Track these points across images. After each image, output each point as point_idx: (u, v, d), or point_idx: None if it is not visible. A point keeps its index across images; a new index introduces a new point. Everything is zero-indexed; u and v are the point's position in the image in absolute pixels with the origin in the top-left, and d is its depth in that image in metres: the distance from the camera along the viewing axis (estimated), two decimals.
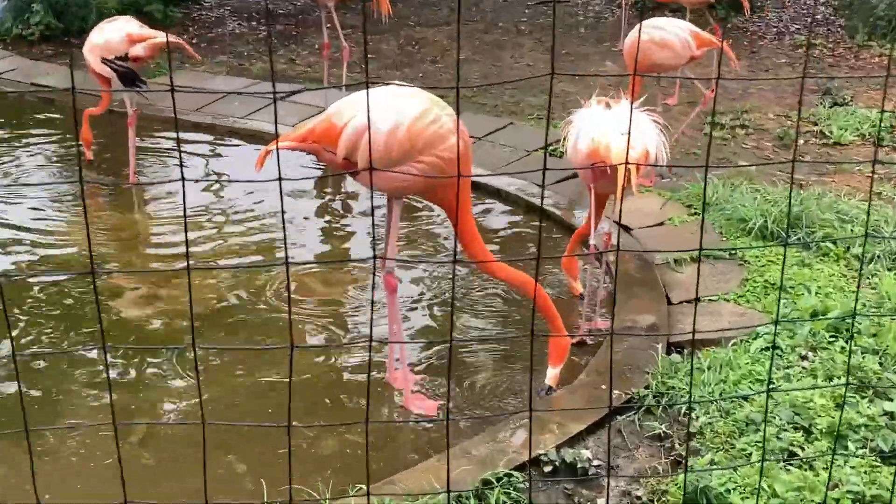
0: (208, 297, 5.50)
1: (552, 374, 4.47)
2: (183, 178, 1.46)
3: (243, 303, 5.47)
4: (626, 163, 4.51)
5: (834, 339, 4.60)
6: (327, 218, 6.79)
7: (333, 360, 4.92)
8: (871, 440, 3.81)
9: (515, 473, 3.75)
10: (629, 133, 1.83)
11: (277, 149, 1.91)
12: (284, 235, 1.49)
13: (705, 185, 1.67)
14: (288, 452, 1.66)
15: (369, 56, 10.40)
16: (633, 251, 5.85)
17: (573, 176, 6.93)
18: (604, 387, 4.43)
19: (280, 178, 1.46)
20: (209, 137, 8.15)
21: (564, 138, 4.92)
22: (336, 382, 4.72)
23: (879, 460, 3.71)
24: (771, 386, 4.22)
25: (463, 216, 4.26)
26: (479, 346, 5.11)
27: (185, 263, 5.22)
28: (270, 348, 3.20)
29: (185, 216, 1.58)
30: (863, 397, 4.12)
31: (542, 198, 1.83)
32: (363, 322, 5.31)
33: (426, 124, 4.04)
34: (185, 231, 1.61)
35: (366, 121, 4.03)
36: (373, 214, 1.74)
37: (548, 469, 3.85)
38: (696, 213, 6.32)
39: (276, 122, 1.44)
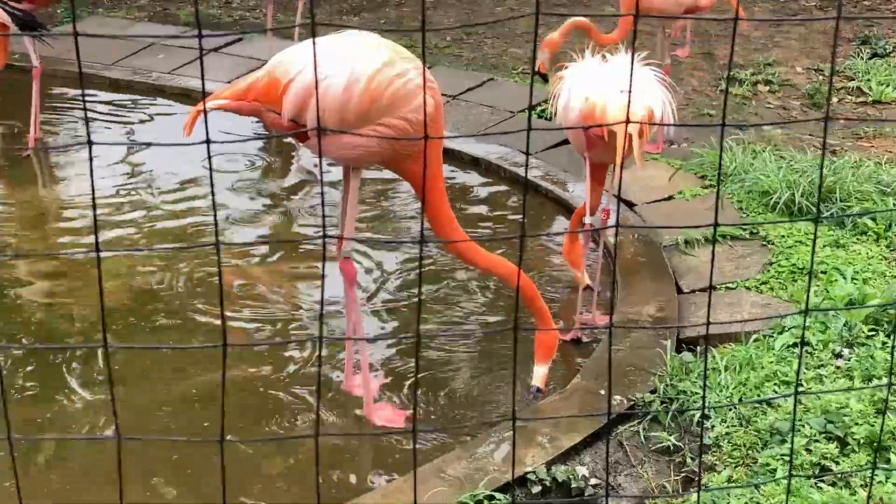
0: (129, 287, 5.47)
1: (540, 373, 4.49)
2: (90, 142, 1.43)
3: (171, 294, 5.45)
4: (627, 121, 4.51)
5: (873, 332, 4.64)
6: (272, 192, 6.77)
7: (280, 361, 4.91)
8: None
9: (498, 496, 3.77)
10: (630, 91, 1.81)
11: (206, 109, 1.89)
12: (215, 211, 1.47)
13: (721, 149, 1.66)
14: (221, 472, 1.64)
15: None
16: (634, 227, 5.87)
17: (565, 142, 6.94)
18: (602, 392, 4.45)
19: (208, 141, 1.43)
20: (129, 97, 8.09)
21: (554, 97, 4.92)
22: (283, 388, 4.73)
23: None
24: (799, 389, 4.25)
25: (433, 190, 4.24)
26: (455, 344, 5.11)
27: (95, 245, 5.17)
28: (200, 347, 3.17)
29: (92, 187, 1.55)
30: None
31: (527, 166, 1.81)
32: (314, 316, 5.30)
33: (389, 79, 4.01)
34: (94, 205, 1.58)
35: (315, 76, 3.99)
36: (322, 188, 1.72)
37: (536, 490, 3.86)
38: (710, 186, 6.35)
39: (202, 78, 1.41)
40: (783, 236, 5.59)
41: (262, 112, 4.10)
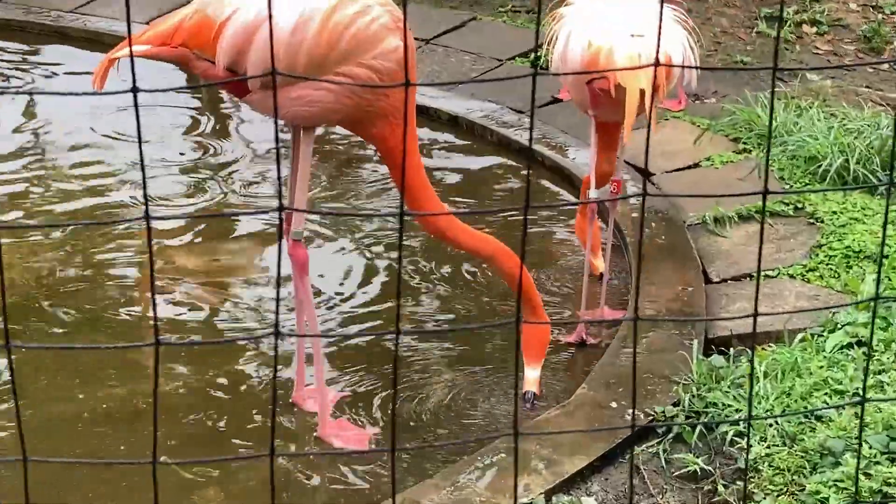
0: (35, 273, 5.46)
1: (532, 376, 4.59)
2: None
3: (88, 282, 5.45)
4: (636, 67, 4.53)
5: None
6: (209, 156, 6.77)
7: (226, 364, 4.93)
8: None
9: None
10: (640, 34, 1.82)
11: (121, 57, 1.87)
12: (144, 179, 1.47)
13: (773, 99, 1.66)
14: (155, 499, 1.64)
15: None
16: (650, 194, 5.89)
17: (553, 102, 6.96)
18: (614, 404, 4.48)
19: (135, 90, 1.43)
20: (21, 44, 8.03)
21: (551, 41, 4.92)
22: (228, 399, 4.74)
23: None
24: (858, 398, 4.28)
25: (407, 155, 4.26)
26: (431, 346, 5.12)
27: None
28: (130, 346, 3.17)
29: None
30: None
31: (532, 122, 1.82)
32: (266, 308, 5.30)
33: (349, 18, 4.00)
34: None
35: (258, 12, 4.00)
36: (277, 146, 1.71)
37: None
38: (745, 150, 6.38)
39: (129, 21, 1.41)
40: (835, 212, 5.63)
41: (192, 59, 4.09)
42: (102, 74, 4.03)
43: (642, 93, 4.48)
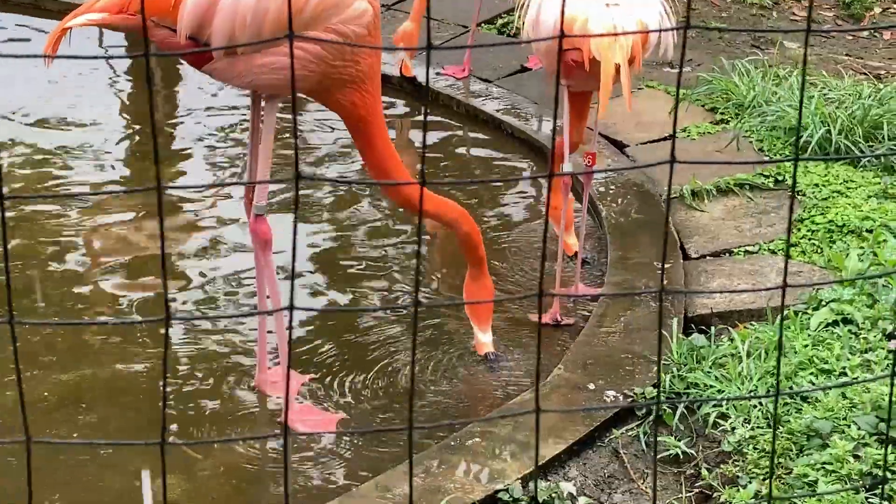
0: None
1: (486, 338, 4.80)
2: None
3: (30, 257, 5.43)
4: (605, 35, 4.52)
5: None
6: (168, 123, 6.73)
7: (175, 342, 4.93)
8: None
9: None
10: (615, 2, 1.80)
11: (74, 26, 1.82)
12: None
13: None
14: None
15: None
16: (618, 169, 5.88)
17: (522, 70, 6.94)
18: (592, 385, 4.47)
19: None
20: None
21: (521, 7, 4.90)
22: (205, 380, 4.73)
23: None
24: (844, 378, 4.29)
25: (374, 125, 4.29)
26: (392, 321, 5.10)
27: None
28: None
29: None
30: None
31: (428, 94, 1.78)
32: (227, 288, 5.27)
33: None
34: None
35: None
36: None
37: None
38: (722, 121, 6.37)
39: None
40: (816, 185, 5.62)
41: (150, 28, 4.04)
42: (54, 44, 3.97)
43: (618, 66, 4.48)
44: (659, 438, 4.24)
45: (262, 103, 4.28)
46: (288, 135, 6.40)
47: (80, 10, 4.07)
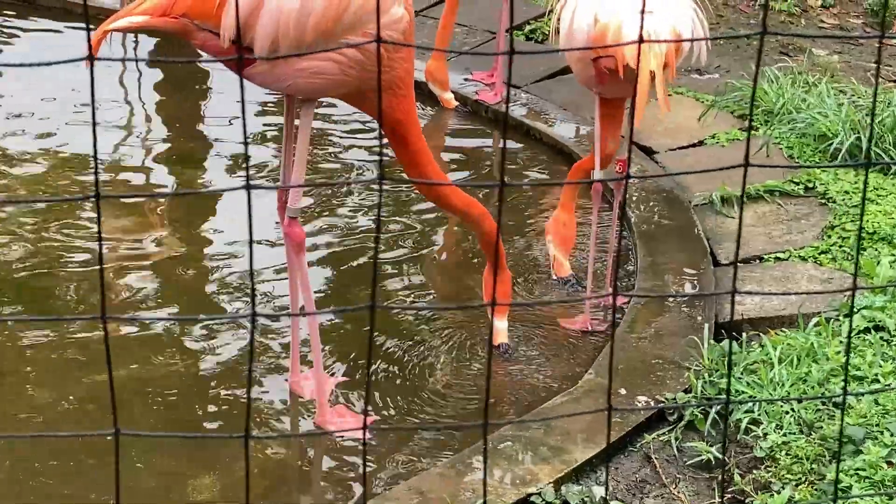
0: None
1: (501, 327, 4.92)
2: None
3: (44, 254, 5.48)
4: (641, 40, 4.54)
5: None
6: (193, 130, 6.76)
7: (205, 344, 4.96)
8: None
9: None
10: (648, 10, 1.83)
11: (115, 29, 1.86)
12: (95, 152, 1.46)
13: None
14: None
15: None
16: (651, 177, 5.90)
17: (563, 71, 6.96)
18: (623, 391, 4.49)
19: (90, 59, 1.42)
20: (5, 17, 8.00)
21: (551, 12, 4.93)
22: (211, 378, 4.77)
23: None
24: (877, 385, 4.31)
25: (410, 125, 4.35)
26: (422, 325, 5.14)
27: None
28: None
29: None
30: None
31: (508, 101, 1.82)
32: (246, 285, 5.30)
33: None
34: None
35: None
36: (245, 126, 1.71)
37: None
38: (753, 127, 6.38)
39: None
40: (847, 192, 5.65)
41: (192, 31, 4.08)
42: (95, 47, 4.01)
43: (652, 73, 4.50)
44: (691, 444, 4.26)
45: (298, 107, 4.32)
46: (321, 139, 6.44)
47: (121, 14, 4.10)
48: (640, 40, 1.88)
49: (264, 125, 6.73)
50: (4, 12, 7.95)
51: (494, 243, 4.74)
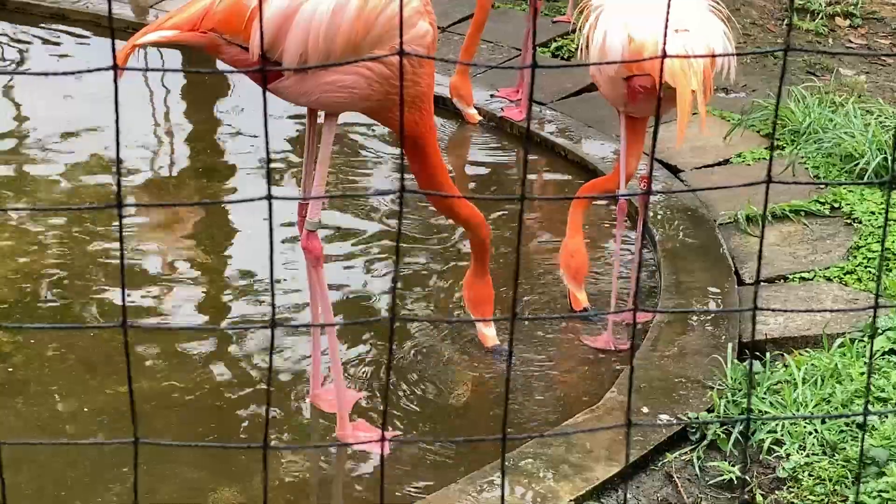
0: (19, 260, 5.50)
1: (489, 332, 4.99)
2: None
3: (68, 263, 5.52)
4: (664, 55, 4.54)
5: None
6: (219, 144, 6.82)
7: (229, 355, 5.00)
8: None
9: None
10: (684, 28, 1.83)
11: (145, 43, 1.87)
12: (118, 164, 1.47)
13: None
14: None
15: None
16: (669, 191, 5.90)
17: (589, 88, 6.96)
18: (645, 409, 4.49)
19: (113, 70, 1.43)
20: (23, 26, 8.03)
21: (579, 31, 4.93)
22: (234, 389, 4.80)
23: None
24: None
25: (428, 142, 4.39)
26: (449, 334, 5.15)
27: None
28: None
29: None
30: None
31: (529, 115, 1.82)
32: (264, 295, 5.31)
33: (384, 1, 4.05)
34: None
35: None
36: (267, 138, 1.73)
37: None
38: (778, 147, 6.38)
39: None
40: (872, 212, 5.64)
41: (221, 45, 4.11)
42: (123, 59, 4.03)
43: (694, 93, 4.50)
44: (713, 463, 4.25)
45: (321, 121, 4.34)
46: (340, 151, 6.47)
47: (150, 28, 4.13)
48: (664, 55, 1.88)
49: (297, 132, 6.75)
50: (40, 24, 8.00)
51: (485, 250, 4.83)
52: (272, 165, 6.52)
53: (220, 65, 4.40)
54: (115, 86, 1.57)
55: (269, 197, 1.66)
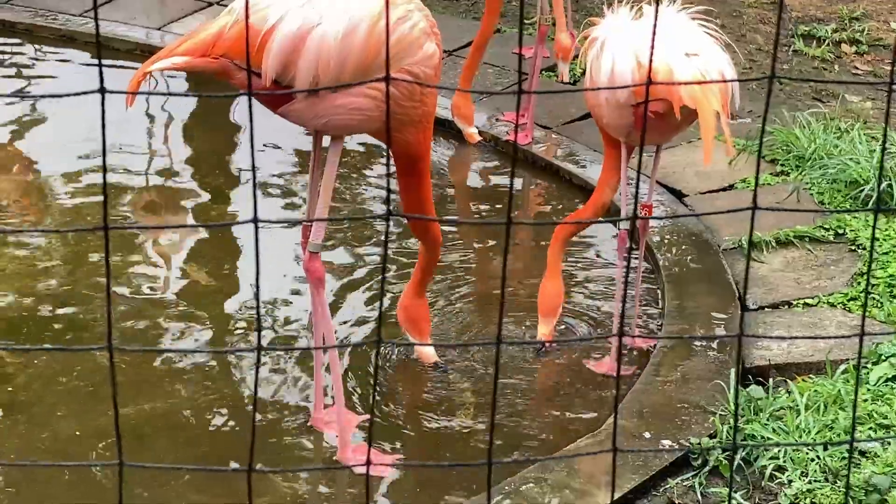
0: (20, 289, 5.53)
1: (429, 351, 5.03)
2: None
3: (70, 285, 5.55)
4: (682, 82, 4.54)
5: None
6: (223, 166, 6.86)
7: (231, 378, 5.03)
8: None
9: None
10: (694, 52, 1.84)
11: (154, 70, 1.88)
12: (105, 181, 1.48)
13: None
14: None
15: None
16: (672, 217, 5.91)
17: (582, 118, 6.97)
18: (648, 434, 4.49)
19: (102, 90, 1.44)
20: (27, 47, 8.05)
21: (583, 56, 4.93)
22: (233, 417, 4.80)
23: None
24: None
25: (424, 162, 4.48)
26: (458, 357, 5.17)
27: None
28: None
29: None
30: None
31: (517, 132, 1.83)
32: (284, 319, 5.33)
33: (393, 24, 4.10)
34: None
35: (304, 20, 4.07)
36: (253, 158, 1.74)
37: None
38: (783, 172, 6.40)
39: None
40: (877, 239, 5.63)
41: (232, 71, 4.15)
42: (135, 86, 4.07)
43: (716, 114, 4.50)
44: (714, 489, 4.25)
45: (328, 143, 4.37)
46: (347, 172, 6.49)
47: (162, 54, 4.16)
48: (649, 82, 1.89)
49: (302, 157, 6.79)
50: (44, 48, 8.03)
51: (431, 272, 4.95)
52: (281, 183, 6.55)
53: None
54: (103, 109, 1.58)
55: (256, 220, 1.67)
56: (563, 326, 5.39)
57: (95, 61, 7.84)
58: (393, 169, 4.59)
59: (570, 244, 5.63)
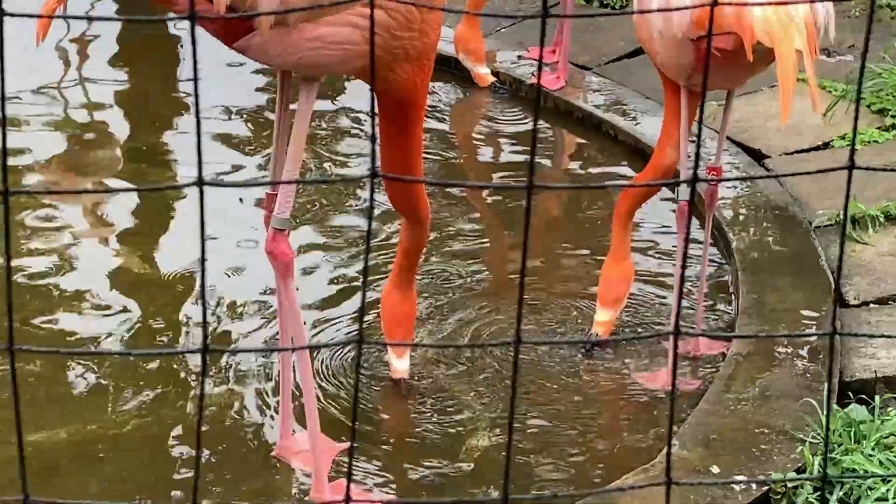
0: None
1: (403, 366, 5.05)
2: None
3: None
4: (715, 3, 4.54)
5: None
6: (160, 120, 6.88)
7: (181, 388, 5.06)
8: None
9: None
10: None
11: None
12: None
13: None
14: None
15: None
16: (745, 178, 5.90)
17: (633, 54, 6.97)
18: (714, 469, 4.50)
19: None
20: None
21: None
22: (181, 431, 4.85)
23: None
24: None
25: (417, 109, 4.50)
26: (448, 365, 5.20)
27: None
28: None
29: None
30: None
31: (540, 72, 1.83)
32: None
33: None
34: None
35: None
36: (198, 117, 1.73)
37: None
38: (894, 126, 6.38)
39: None
40: None
41: None
42: (50, 9, 4.06)
43: (799, 55, 4.48)
44: None
45: (297, 89, 4.36)
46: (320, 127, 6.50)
47: None
48: (713, 2, 1.88)
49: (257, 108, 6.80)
50: None
51: (418, 257, 5.02)
52: (241, 136, 6.55)
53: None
54: (1, 38, 1.56)
55: (200, 182, 1.63)
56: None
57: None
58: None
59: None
